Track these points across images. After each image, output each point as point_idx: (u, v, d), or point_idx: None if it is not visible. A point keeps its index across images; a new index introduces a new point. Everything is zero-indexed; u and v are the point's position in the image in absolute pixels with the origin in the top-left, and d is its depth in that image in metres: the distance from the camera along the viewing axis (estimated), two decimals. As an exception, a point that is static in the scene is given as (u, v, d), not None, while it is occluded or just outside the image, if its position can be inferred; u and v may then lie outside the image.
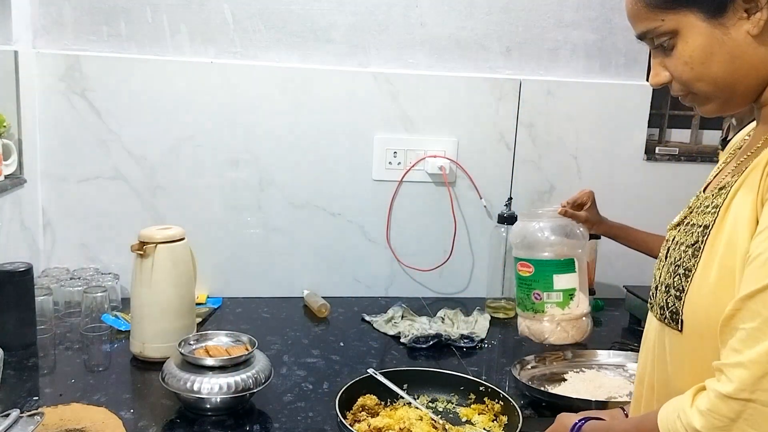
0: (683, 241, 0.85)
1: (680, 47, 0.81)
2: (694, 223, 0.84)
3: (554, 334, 1.47)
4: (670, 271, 0.85)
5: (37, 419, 1.03)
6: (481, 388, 1.25)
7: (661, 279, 0.88)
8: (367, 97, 1.85)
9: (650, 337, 0.91)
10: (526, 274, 1.48)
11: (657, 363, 0.88)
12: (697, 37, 0.79)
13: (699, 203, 0.88)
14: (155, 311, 1.44)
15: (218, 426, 1.21)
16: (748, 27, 0.77)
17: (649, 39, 0.84)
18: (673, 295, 0.83)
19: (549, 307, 1.46)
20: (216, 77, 1.78)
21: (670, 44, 0.82)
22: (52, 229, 1.79)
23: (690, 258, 0.81)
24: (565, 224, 1.51)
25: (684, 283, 0.81)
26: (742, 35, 0.78)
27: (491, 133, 1.93)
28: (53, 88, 1.72)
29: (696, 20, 0.79)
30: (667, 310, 0.84)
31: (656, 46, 0.84)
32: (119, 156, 1.78)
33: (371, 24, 1.84)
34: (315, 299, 1.82)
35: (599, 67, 1.96)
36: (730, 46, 0.78)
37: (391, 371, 1.33)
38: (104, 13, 1.73)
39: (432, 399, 1.31)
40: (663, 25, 0.81)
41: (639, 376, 0.95)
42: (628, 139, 2.00)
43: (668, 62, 0.84)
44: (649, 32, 0.83)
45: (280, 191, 1.86)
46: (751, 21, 0.77)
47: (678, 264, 0.83)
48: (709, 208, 0.83)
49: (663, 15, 0.81)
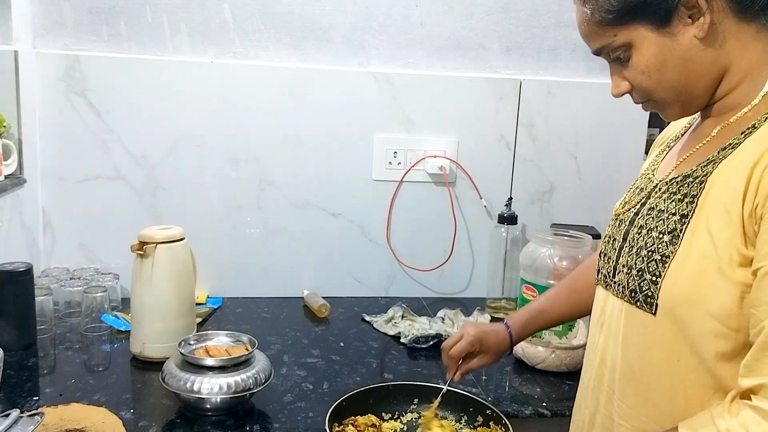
0: (654, 227, 0.88)
1: (635, 58, 0.86)
2: (663, 210, 0.88)
3: (547, 361, 1.47)
4: (639, 255, 0.88)
5: (37, 419, 1.03)
6: (488, 411, 1.21)
7: (623, 261, 0.92)
8: (367, 97, 1.85)
9: (613, 318, 0.94)
10: (530, 297, 1.48)
11: (623, 343, 0.91)
12: (650, 47, 0.85)
13: (658, 188, 0.91)
14: (155, 311, 1.44)
15: (218, 426, 1.21)
16: (694, 32, 0.83)
17: (606, 53, 0.90)
18: (648, 279, 0.86)
19: (546, 333, 1.46)
20: (216, 77, 1.78)
21: (626, 56, 0.87)
22: (52, 229, 1.79)
23: (667, 245, 0.84)
24: (577, 254, 1.49)
25: (660, 268, 0.84)
26: (689, 40, 0.83)
27: (491, 133, 1.93)
28: (53, 88, 1.72)
29: (646, 32, 0.84)
30: (640, 294, 0.87)
31: (613, 59, 0.90)
32: (119, 156, 1.78)
33: (371, 24, 1.84)
34: (315, 299, 1.82)
35: (599, 67, 1.96)
36: (680, 51, 0.84)
37: (401, 384, 1.29)
38: (104, 13, 1.73)
39: (441, 417, 1.25)
40: (616, 40, 0.86)
41: (600, 355, 0.97)
42: (628, 139, 2.00)
43: (626, 73, 0.89)
44: (604, 48, 0.89)
45: (280, 191, 1.86)
46: (696, 26, 0.82)
47: (651, 249, 0.87)
48: (679, 196, 0.86)
49: (614, 30, 0.86)
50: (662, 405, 0.86)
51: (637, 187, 1.00)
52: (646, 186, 0.96)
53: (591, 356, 1.01)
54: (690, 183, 0.86)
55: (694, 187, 0.84)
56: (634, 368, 0.89)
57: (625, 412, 0.91)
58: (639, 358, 0.89)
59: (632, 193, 1.00)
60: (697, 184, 0.84)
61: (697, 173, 0.86)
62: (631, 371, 0.90)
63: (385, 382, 1.30)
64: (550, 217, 1.99)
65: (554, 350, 1.46)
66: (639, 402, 0.89)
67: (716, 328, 0.79)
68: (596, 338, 0.99)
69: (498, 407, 1.20)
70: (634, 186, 1.02)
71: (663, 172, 0.95)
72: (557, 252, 1.48)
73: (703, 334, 0.80)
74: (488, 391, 1.40)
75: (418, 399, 1.26)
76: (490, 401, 1.23)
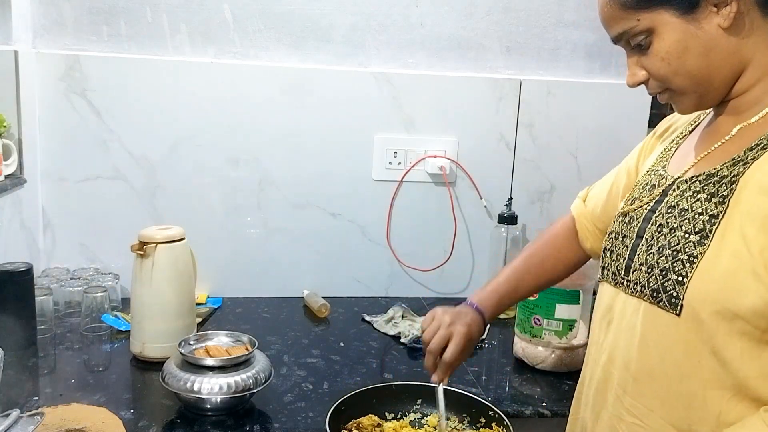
0: (679, 226, 0.86)
1: (656, 44, 0.85)
2: (687, 209, 0.86)
3: (548, 361, 1.47)
4: (662, 254, 0.87)
5: (37, 419, 1.02)
6: (490, 413, 1.20)
7: (640, 259, 0.90)
8: (367, 97, 1.85)
9: (626, 316, 0.92)
10: (531, 298, 1.47)
11: (640, 342, 0.89)
12: (672, 33, 0.83)
13: (677, 186, 0.90)
14: (155, 311, 1.44)
15: (218, 426, 1.21)
16: (719, 20, 0.82)
17: (625, 40, 0.89)
18: (673, 279, 0.84)
19: (547, 333, 1.46)
20: (216, 77, 1.78)
21: (646, 42, 0.86)
22: (52, 229, 1.79)
23: (695, 245, 0.83)
24: None
25: (687, 268, 0.83)
26: (714, 28, 0.82)
27: (491, 133, 1.93)
28: (53, 88, 1.72)
29: (670, 17, 0.83)
30: (663, 294, 0.86)
31: (633, 46, 0.88)
32: (119, 156, 1.78)
33: (371, 24, 1.84)
34: (315, 299, 1.82)
35: (599, 67, 1.97)
36: (703, 39, 0.83)
37: (404, 384, 1.28)
38: (104, 13, 1.73)
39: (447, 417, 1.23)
40: (639, 25, 0.85)
41: (608, 353, 0.95)
42: (628, 139, 1.99)
43: (645, 61, 0.88)
44: (625, 33, 0.87)
45: (280, 191, 1.86)
46: (721, 15, 0.82)
47: (676, 249, 0.85)
48: (705, 195, 0.85)
49: (638, 15, 0.85)
50: (679, 406, 0.85)
51: (647, 184, 0.98)
52: (659, 183, 0.94)
53: (595, 354, 1.00)
54: (717, 183, 0.84)
55: (723, 187, 0.83)
56: (653, 368, 0.88)
57: (640, 411, 0.90)
58: (659, 357, 0.87)
59: (642, 190, 0.98)
60: (726, 184, 0.83)
61: (723, 173, 0.84)
62: (649, 371, 0.88)
63: (387, 382, 1.30)
64: (550, 217, 1.99)
65: (554, 350, 1.46)
66: (656, 402, 0.88)
67: (743, 327, 0.78)
68: (601, 336, 0.98)
69: (498, 407, 1.20)
70: (641, 183, 1.00)
71: (678, 170, 0.93)
72: None
73: (729, 333, 0.79)
74: (488, 391, 1.40)
75: (421, 399, 1.26)
76: (490, 402, 1.22)
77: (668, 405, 0.86)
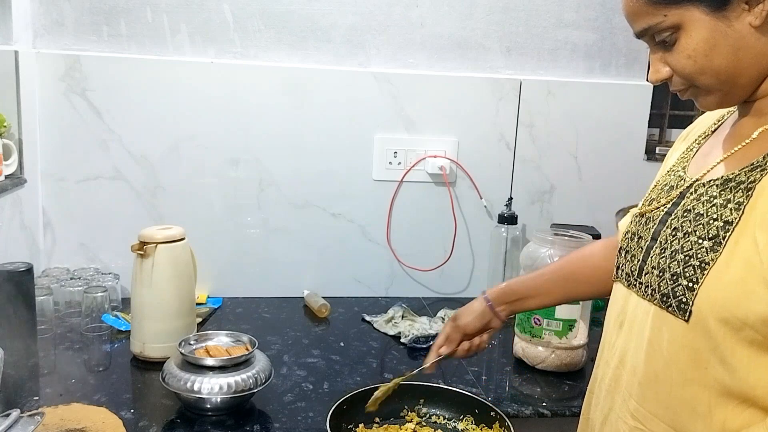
0: (692, 231, 0.84)
1: (683, 41, 0.82)
2: (702, 213, 0.84)
3: (548, 361, 1.47)
4: (674, 259, 0.85)
5: (37, 419, 1.02)
6: (491, 413, 1.20)
7: (652, 262, 0.89)
8: (367, 97, 1.85)
9: (637, 319, 0.91)
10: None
11: (647, 346, 0.88)
12: (701, 30, 0.81)
13: (694, 190, 0.88)
14: (155, 311, 1.44)
15: (218, 426, 1.21)
16: (750, 19, 0.79)
17: (650, 36, 0.85)
18: (684, 285, 0.83)
19: (547, 333, 1.45)
20: (216, 77, 1.78)
21: (672, 39, 0.83)
22: (52, 229, 1.79)
23: (707, 251, 0.81)
24: None
25: (698, 275, 0.81)
26: (744, 27, 0.80)
27: (491, 133, 1.93)
28: (53, 88, 1.72)
29: (700, 14, 0.80)
30: (673, 299, 0.84)
31: (657, 42, 0.85)
32: (119, 156, 1.78)
33: (371, 24, 1.84)
34: (315, 299, 1.82)
35: (599, 67, 1.97)
36: (733, 37, 0.80)
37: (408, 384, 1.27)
38: (104, 13, 1.73)
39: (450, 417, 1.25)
40: (666, 21, 0.82)
41: (619, 356, 0.94)
42: (628, 139, 2.00)
43: (669, 57, 0.85)
44: (650, 28, 0.84)
45: (280, 191, 1.86)
46: (753, 13, 0.79)
47: (688, 254, 0.83)
48: (721, 201, 0.83)
49: (665, 10, 0.82)
50: (683, 412, 0.84)
51: (665, 185, 0.95)
52: (677, 184, 0.92)
53: (607, 356, 0.98)
54: (733, 188, 0.82)
55: (740, 193, 0.81)
56: (658, 373, 0.87)
57: (644, 416, 0.89)
58: (665, 363, 0.86)
59: (660, 191, 0.95)
60: (743, 190, 0.81)
61: (740, 178, 0.82)
62: (654, 376, 0.87)
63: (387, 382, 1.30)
64: (550, 217, 1.99)
65: (554, 350, 1.46)
66: (659, 408, 0.87)
67: (751, 336, 0.77)
68: (614, 337, 0.97)
69: (498, 407, 1.20)
70: (660, 183, 0.98)
71: (697, 172, 0.91)
72: (557, 252, 1.47)
73: (737, 341, 0.78)
74: (488, 391, 1.40)
75: (423, 399, 1.26)
76: (491, 402, 1.22)
77: (672, 411, 0.85)
